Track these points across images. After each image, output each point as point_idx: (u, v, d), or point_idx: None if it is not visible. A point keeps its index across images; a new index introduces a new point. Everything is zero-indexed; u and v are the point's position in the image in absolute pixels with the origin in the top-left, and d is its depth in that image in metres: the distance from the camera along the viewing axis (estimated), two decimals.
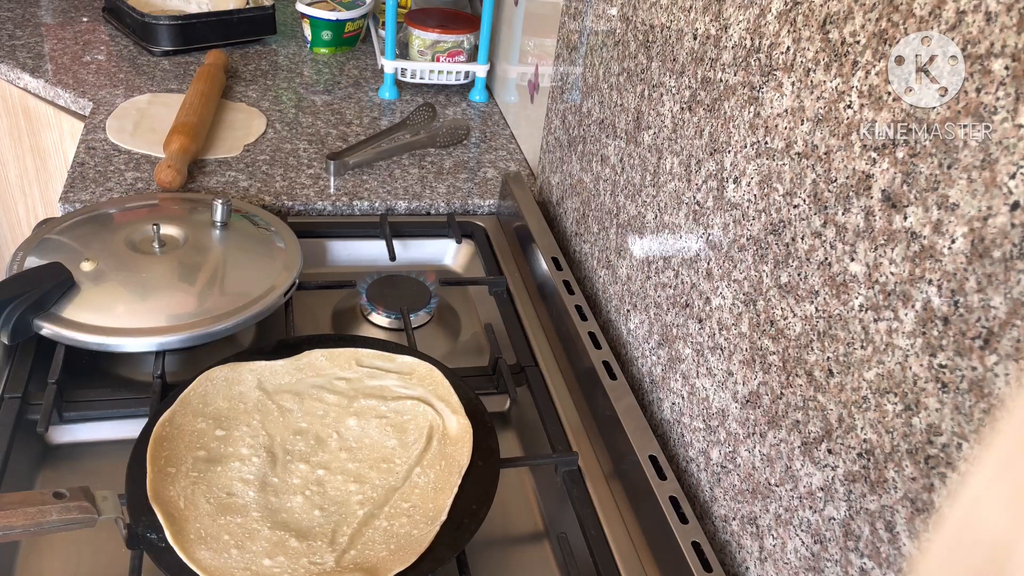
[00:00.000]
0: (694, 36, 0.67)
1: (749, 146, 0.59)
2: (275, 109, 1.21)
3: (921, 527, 0.44)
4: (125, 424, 0.70)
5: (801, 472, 0.54)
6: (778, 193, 0.56)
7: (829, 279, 0.51)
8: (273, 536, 0.57)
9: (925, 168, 0.43)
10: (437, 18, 1.32)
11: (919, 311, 0.44)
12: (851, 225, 0.49)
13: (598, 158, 0.88)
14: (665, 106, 0.72)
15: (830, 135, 0.50)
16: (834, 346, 0.51)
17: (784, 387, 0.56)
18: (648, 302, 0.76)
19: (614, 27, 0.83)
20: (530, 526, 0.72)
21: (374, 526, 0.59)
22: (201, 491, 0.59)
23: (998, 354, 0.39)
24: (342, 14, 1.37)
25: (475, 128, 1.25)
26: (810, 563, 0.54)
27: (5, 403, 0.69)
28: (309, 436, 0.65)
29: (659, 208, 0.74)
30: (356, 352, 0.73)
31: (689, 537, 0.62)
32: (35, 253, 0.79)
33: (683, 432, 0.70)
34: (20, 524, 0.49)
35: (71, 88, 1.20)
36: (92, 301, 0.74)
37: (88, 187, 0.96)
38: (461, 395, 0.69)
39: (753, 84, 0.58)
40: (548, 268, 0.90)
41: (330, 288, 0.90)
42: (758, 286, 0.59)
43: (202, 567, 0.54)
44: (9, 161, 1.46)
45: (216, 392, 0.67)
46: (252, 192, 1.00)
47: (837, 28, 0.50)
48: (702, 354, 0.67)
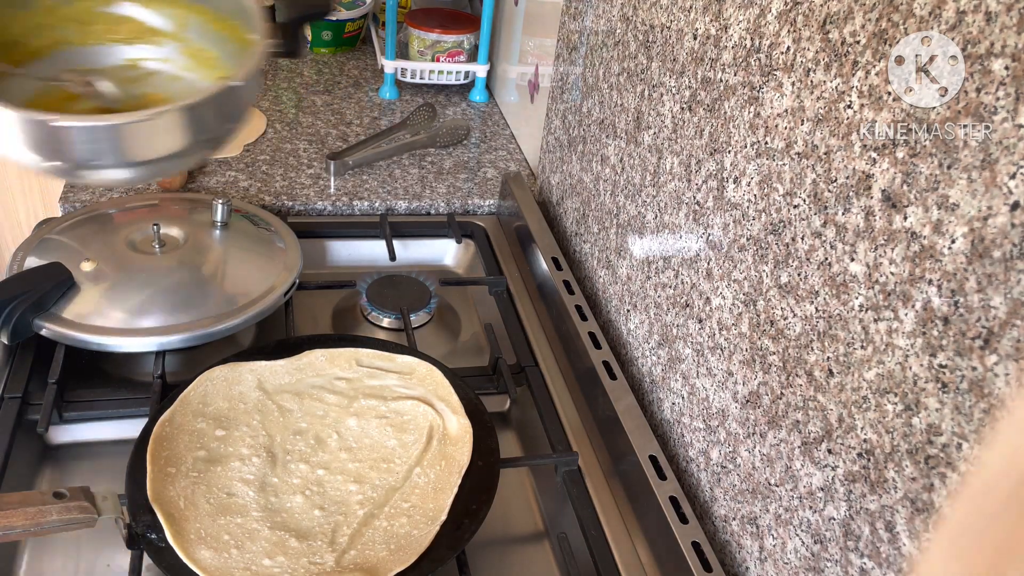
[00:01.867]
0: (694, 36, 0.67)
1: (749, 146, 0.59)
2: (275, 109, 1.21)
3: (921, 527, 0.44)
4: (125, 424, 0.70)
5: (801, 472, 0.54)
6: (778, 193, 0.56)
7: (829, 279, 0.51)
8: (273, 536, 0.57)
9: (925, 168, 0.43)
10: (437, 18, 1.32)
11: (919, 311, 0.44)
12: (851, 225, 0.49)
13: (598, 158, 0.88)
14: (665, 106, 0.72)
15: (830, 135, 0.50)
16: (834, 346, 0.51)
17: (784, 387, 0.56)
18: (648, 302, 0.76)
19: (614, 27, 0.83)
20: (530, 526, 0.72)
21: (374, 526, 0.59)
22: (201, 491, 0.59)
23: (998, 354, 0.39)
24: (342, 14, 1.37)
25: (475, 128, 1.25)
26: (810, 563, 0.54)
27: (5, 403, 0.69)
28: (309, 436, 0.65)
29: (659, 208, 0.74)
30: (356, 352, 0.73)
31: (689, 537, 0.62)
32: (35, 253, 0.79)
33: (683, 432, 0.70)
34: (20, 524, 0.49)
35: None
36: (92, 301, 0.74)
37: (88, 187, 0.96)
38: (461, 395, 0.70)
39: (753, 84, 0.58)
40: (548, 268, 0.90)
41: (330, 288, 0.90)
42: (758, 286, 0.59)
43: (202, 567, 0.54)
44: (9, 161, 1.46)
45: (216, 392, 0.67)
46: (252, 192, 1.00)
47: (837, 28, 0.50)
48: (702, 354, 0.67)
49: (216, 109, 0.60)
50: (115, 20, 0.69)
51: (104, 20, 0.69)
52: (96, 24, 0.69)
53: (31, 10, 0.67)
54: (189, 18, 0.70)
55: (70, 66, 0.68)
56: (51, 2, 0.67)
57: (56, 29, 0.68)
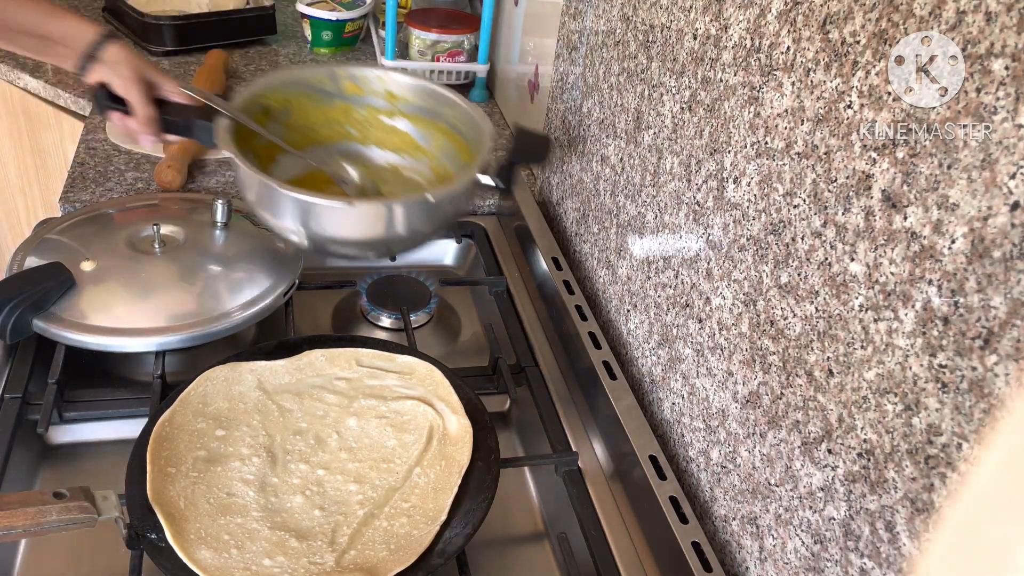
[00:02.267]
0: (694, 36, 0.67)
1: (749, 146, 0.59)
2: None
3: (921, 527, 0.44)
4: (125, 424, 0.70)
5: (801, 472, 0.54)
6: (778, 193, 0.56)
7: (829, 279, 0.51)
8: (273, 536, 0.57)
9: (925, 168, 0.43)
10: (437, 18, 1.32)
11: (919, 311, 0.44)
12: (851, 225, 0.49)
13: (598, 158, 0.88)
14: (665, 106, 0.72)
15: (830, 135, 0.50)
16: (834, 346, 0.51)
17: (784, 387, 0.56)
18: (648, 302, 0.76)
19: (614, 27, 0.83)
20: (530, 526, 0.72)
21: (374, 526, 0.59)
22: (201, 491, 0.59)
23: (998, 354, 0.39)
24: (342, 14, 1.37)
25: None
26: (810, 563, 0.54)
27: (5, 403, 0.69)
28: (309, 436, 0.65)
29: (659, 208, 0.74)
30: (356, 352, 0.73)
31: (689, 537, 0.62)
32: (35, 253, 0.79)
33: (683, 432, 0.70)
34: (20, 524, 0.49)
35: (71, 88, 1.20)
36: (92, 301, 0.74)
37: (88, 187, 0.96)
38: (461, 395, 0.69)
39: (753, 84, 0.58)
40: (548, 268, 0.90)
41: (330, 288, 0.89)
42: (758, 286, 0.59)
43: (202, 567, 0.54)
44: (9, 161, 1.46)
45: (216, 392, 0.67)
46: None
47: (837, 28, 0.50)
48: (702, 354, 0.67)
49: (413, 214, 0.71)
50: (390, 130, 0.85)
51: (382, 128, 0.85)
52: (375, 129, 0.85)
53: (333, 107, 0.83)
54: (446, 144, 0.83)
55: (341, 156, 0.83)
56: (347, 104, 0.84)
57: (343, 125, 0.84)
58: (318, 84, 0.82)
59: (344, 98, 0.83)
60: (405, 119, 0.84)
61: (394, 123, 0.85)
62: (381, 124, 0.85)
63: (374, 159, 0.86)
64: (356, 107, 0.84)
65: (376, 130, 0.85)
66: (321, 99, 0.83)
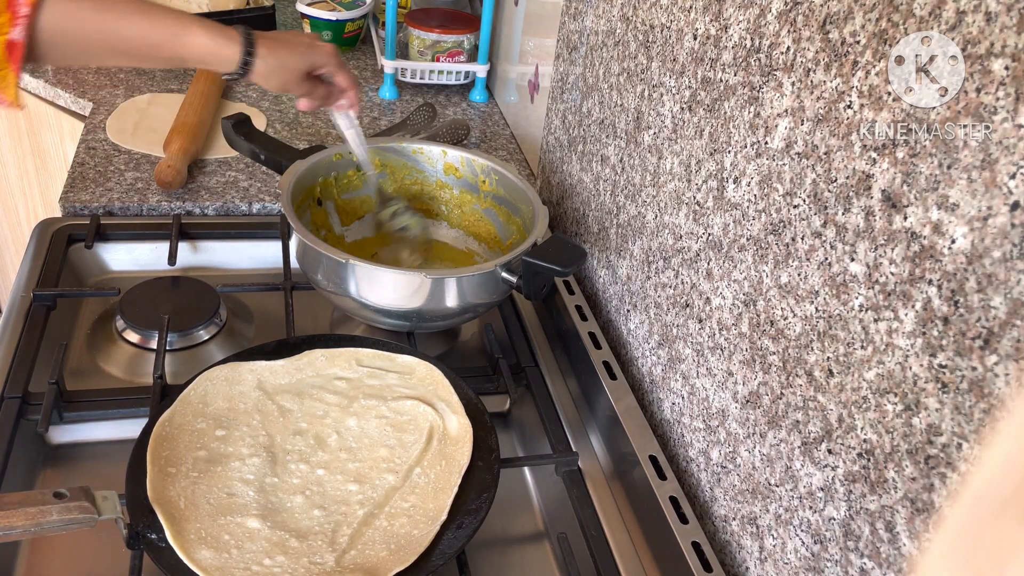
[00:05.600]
0: (694, 36, 0.67)
1: (749, 146, 0.59)
2: (275, 109, 1.21)
3: (921, 527, 0.44)
4: (125, 424, 0.70)
5: (801, 472, 0.54)
6: (778, 193, 0.56)
7: (829, 279, 0.51)
8: (273, 536, 0.57)
9: (925, 168, 0.43)
10: (437, 18, 1.32)
11: (919, 311, 0.44)
12: (851, 225, 0.49)
13: (598, 158, 0.88)
14: (665, 106, 0.72)
15: (830, 135, 0.50)
16: (834, 346, 0.51)
17: (784, 387, 0.56)
18: (648, 302, 0.76)
19: (614, 27, 0.83)
20: (530, 526, 0.72)
21: (374, 526, 0.59)
22: (201, 491, 0.59)
23: (998, 354, 0.39)
24: (342, 14, 1.37)
25: (475, 128, 1.25)
26: (810, 563, 0.54)
27: (5, 403, 0.69)
28: (309, 436, 0.65)
29: (659, 208, 0.74)
30: (356, 352, 0.73)
31: (689, 537, 0.62)
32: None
33: (683, 432, 0.70)
34: (20, 524, 0.49)
35: (71, 88, 1.20)
36: None
37: (88, 187, 0.96)
38: (461, 395, 0.69)
39: (753, 84, 0.58)
40: None
41: None
42: (758, 286, 0.59)
43: (202, 567, 0.54)
44: (9, 161, 1.46)
45: (216, 392, 0.67)
46: (252, 192, 1.00)
47: (837, 28, 0.50)
48: (702, 354, 0.67)
49: (438, 290, 0.76)
50: (441, 186, 0.96)
51: (433, 198, 0.97)
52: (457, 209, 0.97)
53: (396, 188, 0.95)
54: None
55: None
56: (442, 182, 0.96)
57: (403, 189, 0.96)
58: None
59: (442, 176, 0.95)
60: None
61: (444, 192, 0.96)
62: (439, 198, 0.96)
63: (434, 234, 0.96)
64: (409, 184, 0.95)
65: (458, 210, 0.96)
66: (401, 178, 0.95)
